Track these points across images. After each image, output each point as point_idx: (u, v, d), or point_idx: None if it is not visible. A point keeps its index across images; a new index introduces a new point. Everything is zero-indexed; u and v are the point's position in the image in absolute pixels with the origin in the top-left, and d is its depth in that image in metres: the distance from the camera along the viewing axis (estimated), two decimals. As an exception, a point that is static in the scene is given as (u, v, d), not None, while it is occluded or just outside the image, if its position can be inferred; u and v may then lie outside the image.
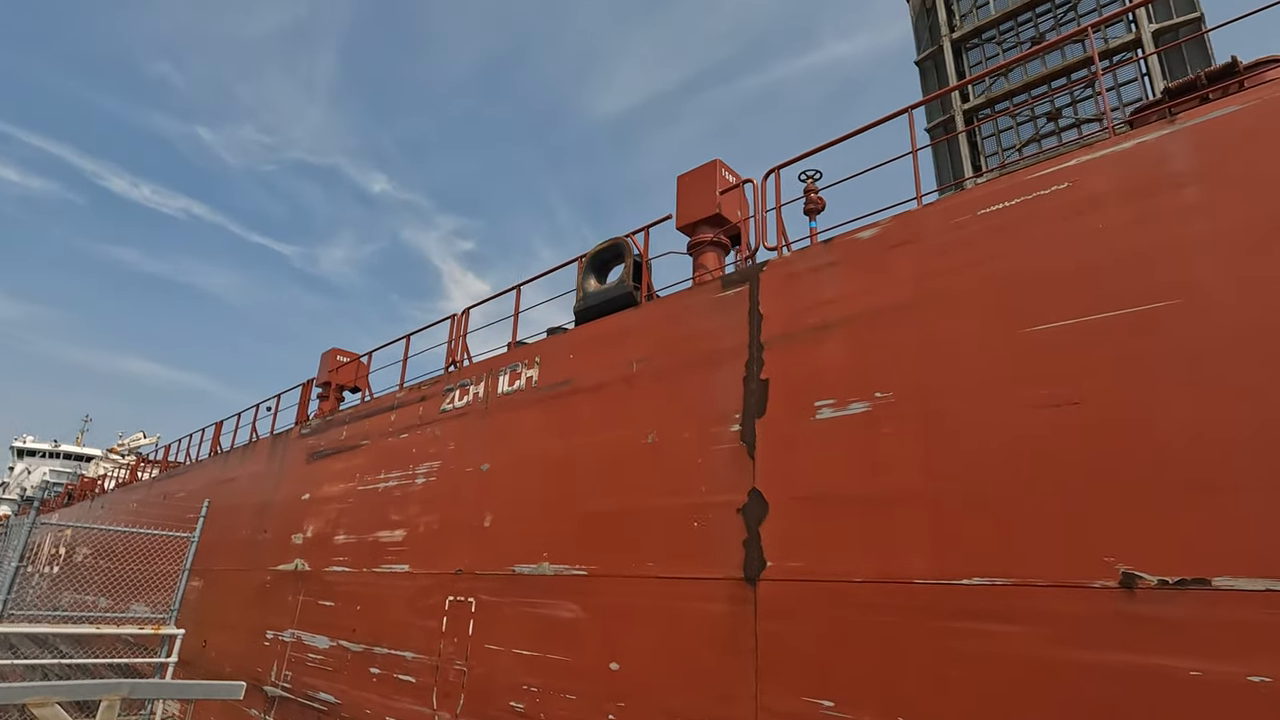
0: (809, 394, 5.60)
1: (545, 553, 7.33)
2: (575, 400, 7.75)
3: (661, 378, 6.89)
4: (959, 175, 11.01)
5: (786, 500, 5.47)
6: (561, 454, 7.64)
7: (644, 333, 7.26)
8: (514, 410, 8.59)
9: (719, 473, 6.03)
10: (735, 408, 6.09)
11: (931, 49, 11.96)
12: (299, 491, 12.65)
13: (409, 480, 9.86)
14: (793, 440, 5.59)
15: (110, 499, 26.39)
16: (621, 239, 8.06)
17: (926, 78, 12.14)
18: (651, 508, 6.48)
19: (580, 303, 8.29)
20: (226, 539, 14.85)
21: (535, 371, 8.46)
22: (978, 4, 11.73)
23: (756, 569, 5.46)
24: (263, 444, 15.34)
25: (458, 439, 9.32)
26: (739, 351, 6.25)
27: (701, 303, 6.80)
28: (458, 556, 8.42)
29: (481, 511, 8.36)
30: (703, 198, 7.44)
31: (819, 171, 6.53)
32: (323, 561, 11.06)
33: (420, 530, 9.26)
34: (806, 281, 5.96)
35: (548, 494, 7.61)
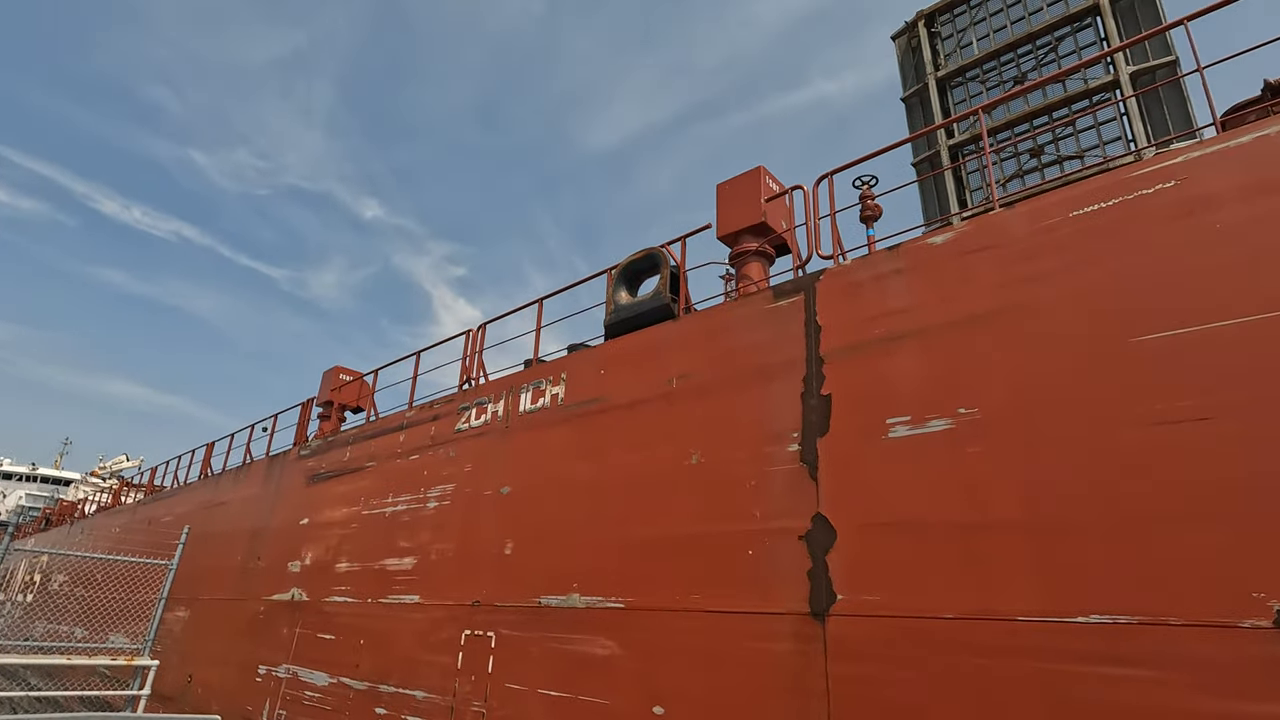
0: (879, 411, 5.16)
1: (575, 583, 6.78)
2: (607, 419, 7.26)
3: (706, 394, 6.43)
4: (945, 209, 11.03)
5: (857, 527, 4.99)
6: (592, 476, 7.13)
7: (685, 347, 6.82)
8: (538, 429, 8.08)
9: (776, 496, 5.55)
10: (793, 426, 5.63)
11: (917, 86, 12.35)
12: (297, 516, 11.99)
13: (420, 504, 9.28)
14: (862, 461, 5.13)
15: (91, 524, 25.39)
16: (657, 249, 7.67)
17: (912, 114, 12.50)
18: (697, 534, 5.98)
19: (611, 316, 7.85)
20: (216, 566, 14.10)
21: (561, 388, 7.98)
22: (961, 44, 12.14)
23: (825, 603, 4.95)
24: (257, 466, 14.67)
25: (474, 460, 8.78)
26: (795, 365, 5.82)
27: (750, 314, 6.38)
28: (475, 586, 7.83)
29: (502, 538, 7.80)
30: (746, 206, 7.07)
31: (874, 177, 6.18)
32: (322, 591, 10.39)
33: (432, 558, 8.67)
34: (871, 290, 5.56)
35: (577, 519, 7.08)
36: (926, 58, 12.26)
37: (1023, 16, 11.44)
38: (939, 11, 12.48)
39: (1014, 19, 11.55)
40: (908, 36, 12.88)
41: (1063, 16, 10.82)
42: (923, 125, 11.93)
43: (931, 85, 12.00)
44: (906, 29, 12.88)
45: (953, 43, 12.29)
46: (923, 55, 12.35)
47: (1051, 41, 11.04)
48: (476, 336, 10.15)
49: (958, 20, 12.30)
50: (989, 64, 11.70)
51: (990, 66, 11.70)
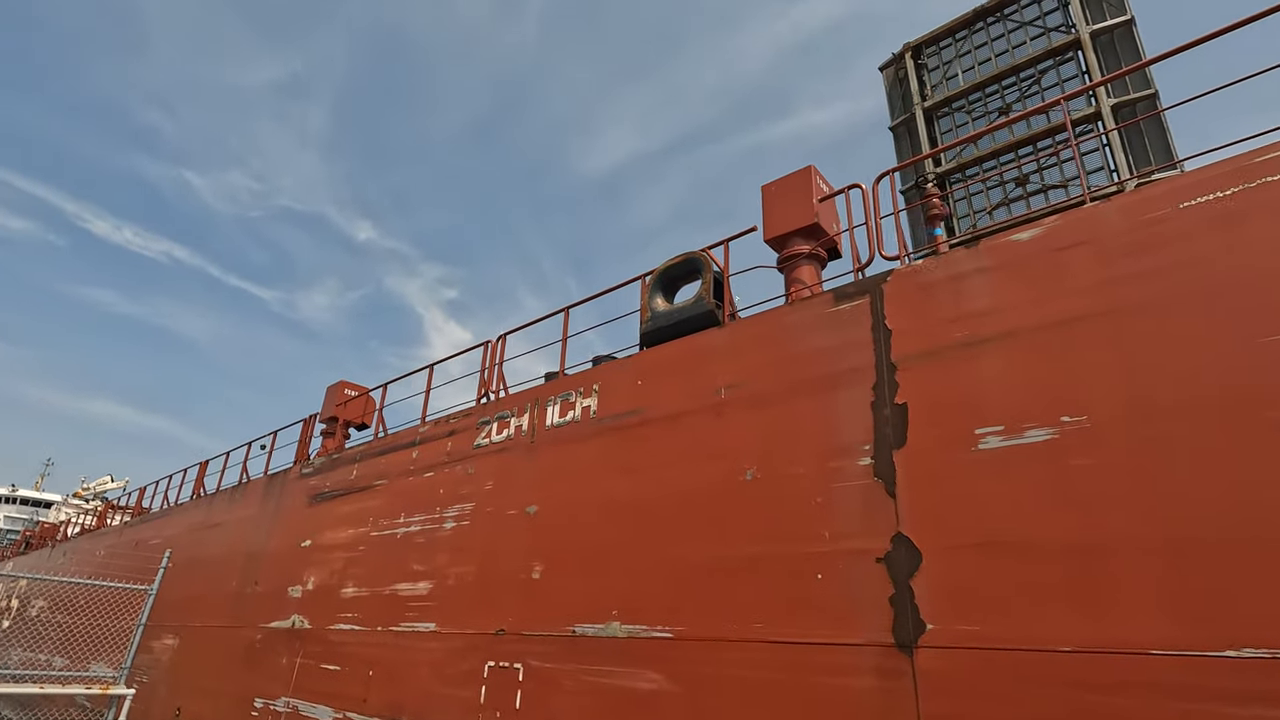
0: (965, 420, 4.73)
1: (614, 610, 6.25)
2: (647, 432, 6.80)
3: (759, 405, 5.98)
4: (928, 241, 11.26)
5: (946, 548, 4.52)
6: (631, 494, 6.64)
7: (734, 355, 6.39)
8: (567, 444, 7.60)
9: (846, 515, 5.08)
10: (863, 438, 5.19)
11: (904, 116, 12.65)
12: (298, 538, 11.37)
13: (435, 524, 8.73)
14: (947, 475, 4.69)
15: (74, 546, 24.45)
16: (697, 254, 7.27)
17: (900, 142, 12.80)
18: (755, 556, 5.49)
19: (648, 324, 7.42)
20: (209, 591, 13.39)
21: (594, 400, 7.51)
22: (947, 76, 12.46)
23: (912, 633, 4.47)
24: (255, 485, 14.03)
25: (496, 477, 8.26)
26: (862, 373, 5.39)
27: (807, 319, 5.96)
28: (499, 613, 7.28)
29: (529, 560, 7.27)
30: (797, 207, 6.70)
31: (939, 175, 5.81)
32: (326, 618, 9.76)
33: (450, 583, 8.10)
34: (947, 291, 5.16)
35: (615, 540, 6.57)
36: (914, 88, 12.62)
37: (1006, 50, 11.89)
38: (925, 44, 12.91)
39: (998, 52, 12.02)
40: (895, 68, 13.30)
41: (1045, 50, 11.22)
42: (910, 152, 12.31)
43: (919, 115, 12.33)
44: (894, 60, 13.29)
45: (939, 74, 12.68)
46: (910, 86, 12.73)
47: (1035, 74, 11.46)
48: (496, 348, 9.69)
49: (944, 53, 12.74)
50: (975, 95, 12.08)
51: (976, 98, 12.08)
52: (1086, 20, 10.86)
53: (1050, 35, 11.32)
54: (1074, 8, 10.98)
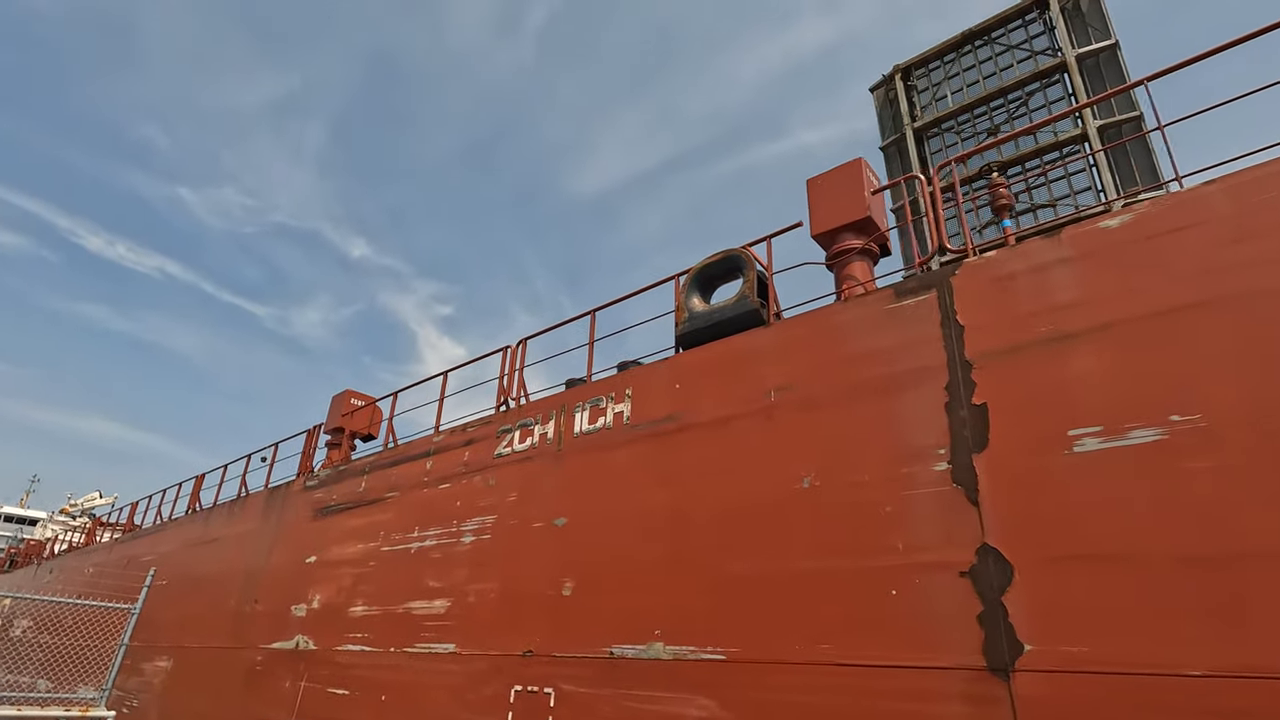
0: (1056, 421, 4.35)
1: (657, 629, 5.80)
2: (687, 439, 6.39)
3: (814, 408, 5.59)
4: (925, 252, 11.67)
5: (1042, 560, 4.12)
6: (672, 504, 6.21)
7: (784, 356, 6.00)
8: (598, 452, 7.17)
9: (923, 525, 4.68)
10: (937, 441, 4.80)
11: (895, 136, 12.87)
12: (302, 553, 10.84)
13: (453, 539, 8.25)
14: (1039, 481, 4.30)
15: (61, 564, 23.67)
16: (738, 251, 6.90)
17: (890, 162, 13.01)
18: (817, 571, 5.07)
19: (685, 325, 7.03)
20: (205, 610, 12.80)
21: (627, 406, 7.10)
22: (937, 97, 12.74)
23: (1007, 655, 4.05)
24: (255, 499, 13.49)
25: (520, 488, 7.82)
26: (932, 372, 5.02)
27: (866, 317, 5.59)
28: (526, 634, 6.80)
29: (558, 576, 6.81)
30: (847, 201, 6.36)
31: (1004, 165, 5.48)
32: (333, 638, 9.22)
33: (470, 600, 7.62)
34: (1027, 284, 4.81)
35: (655, 554, 6.13)
36: (904, 109, 12.89)
37: (994, 73, 12.14)
38: (915, 66, 13.17)
39: (986, 75, 12.26)
40: (885, 89, 13.58)
41: (1032, 73, 11.49)
42: (900, 171, 12.48)
43: (909, 135, 12.56)
44: (884, 82, 13.55)
45: (928, 95, 12.91)
46: (900, 107, 12.98)
47: (1022, 96, 11.68)
48: (515, 353, 9.28)
49: (932, 75, 12.98)
50: (963, 116, 12.30)
51: (965, 119, 12.29)
52: (1072, 44, 11.14)
53: (1037, 58, 11.64)
54: (1060, 32, 11.27)
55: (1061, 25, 11.25)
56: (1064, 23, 11.28)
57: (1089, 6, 11.24)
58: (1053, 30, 11.45)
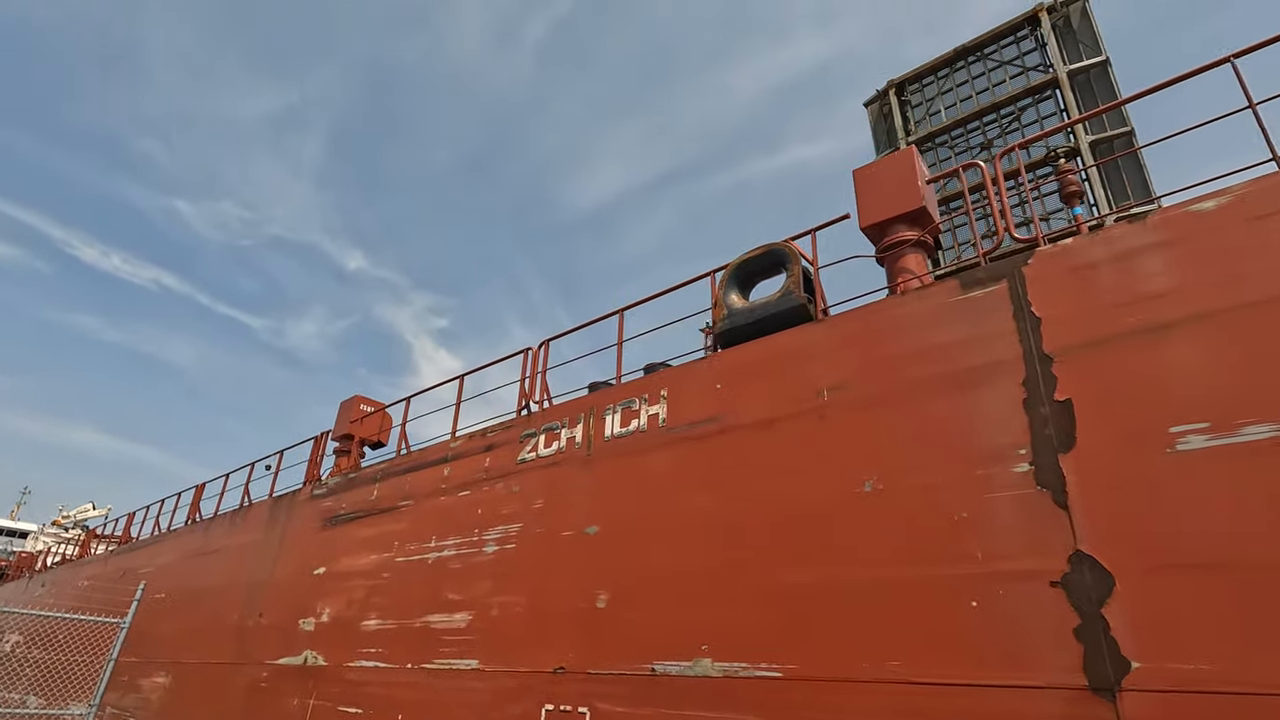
0: (1154, 418, 4.02)
1: (704, 644, 5.42)
2: (731, 441, 6.04)
3: (873, 407, 5.26)
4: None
5: (1146, 569, 3.78)
6: (716, 511, 5.86)
7: (836, 353, 5.68)
8: (631, 457, 6.82)
9: (1003, 530, 4.33)
10: (1016, 441, 4.47)
11: (890, 150, 12.89)
12: (310, 564, 10.42)
13: (474, 549, 7.86)
14: (1137, 481, 3.96)
15: (54, 577, 23.09)
16: (780, 245, 6.60)
17: None
18: (883, 581, 4.71)
19: (724, 322, 6.71)
20: (205, 624, 12.33)
21: (662, 408, 6.76)
22: (930, 112, 12.83)
23: (1112, 673, 3.69)
24: (258, 508, 13.06)
25: (546, 495, 7.45)
26: (1007, 367, 4.69)
27: (926, 310, 5.28)
28: (557, 649, 6.41)
29: (591, 588, 6.43)
30: (900, 191, 6.06)
31: (1075, 149, 5.20)
32: (344, 654, 8.80)
33: (494, 614, 7.22)
34: (1111, 272, 4.50)
35: (699, 564, 5.77)
36: (898, 123, 12.95)
37: (987, 88, 12.30)
38: (909, 81, 13.29)
39: (979, 90, 12.40)
40: (880, 104, 13.67)
41: (1024, 89, 11.62)
42: None
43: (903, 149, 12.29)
44: (878, 97, 13.64)
45: (922, 110, 13.01)
46: (894, 121, 13.06)
47: (1015, 111, 11.79)
48: (537, 355, 8.93)
49: (926, 90, 13.08)
50: (957, 131, 12.37)
51: (958, 133, 12.36)
52: (1064, 60, 11.27)
53: (1029, 74, 11.82)
54: (1051, 49, 11.41)
55: (1053, 42, 11.40)
56: (1055, 40, 11.46)
57: (1080, 24, 11.45)
58: (1044, 47, 11.63)
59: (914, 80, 13.20)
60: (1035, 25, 11.87)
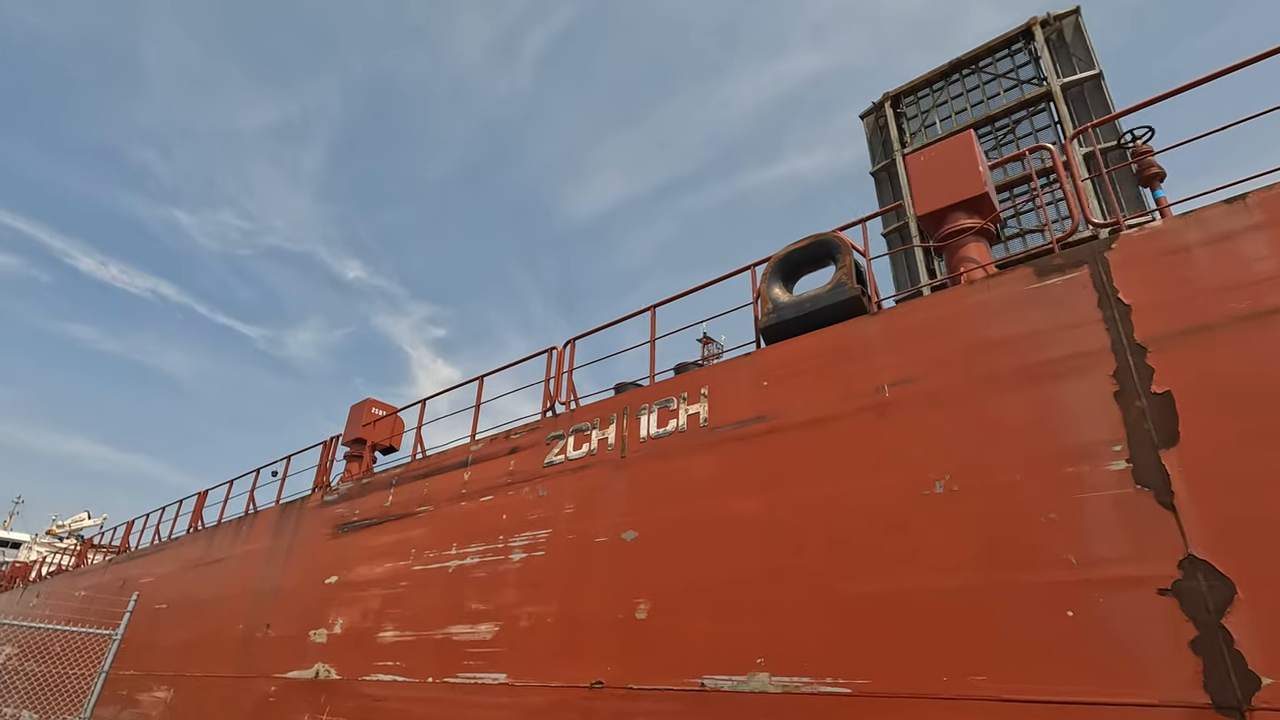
0: (1270, 409, 3.70)
1: (759, 657, 5.06)
2: (781, 441, 5.70)
3: (941, 403, 4.93)
4: (915, 279, 11.42)
5: (1274, 575, 3.44)
6: (767, 514, 5.51)
7: (896, 346, 5.36)
8: (670, 459, 6.47)
9: (1099, 533, 4.00)
10: (1110, 436, 4.14)
11: (885, 161, 12.99)
12: (321, 573, 10.02)
13: (499, 556, 7.50)
14: (1256, 480, 3.63)
15: (49, 587, 22.57)
16: (829, 235, 6.29)
17: (881, 187, 13.15)
18: (962, 588, 4.37)
19: (770, 316, 6.39)
20: (209, 636, 11.90)
21: (703, 407, 6.42)
22: (926, 124, 12.88)
23: (1238, 690, 3.35)
24: (265, 515, 12.66)
25: (577, 499, 7.09)
26: (1094, 358, 4.37)
27: (998, 300, 4.96)
28: (594, 662, 6.04)
29: (630, 597, 6.07)
30: (960, 177, 5.76)
31: (1150, 128, 4.92)
32: (359, 667, 8.39)
33: (523, 624, 6.85)
34: (1209, 256, 4.19)
35: (750, 571, 5.42)
36: (893, 135, 12.99)
37: (982, 101, 12.35)
38: (904, 94, 13.36)
39: (974, 103, 12.44)
40: (875, 116, 13.73)
41: (1018, 101, 11.65)
42: (891, 198, 12.66)
43: (899, 161, 12.60)
44: (874, 109, 13.71)
45: (917, 122, 13.06)
46: (890, 133, 13.09)
47: (1009, 124, 11.87)
48: (563, 355, 8.60)
49: (921, 102, 13.14)
50: None
51: None
52: (1057, 73, 11.37)
53: (1023, 87, 11.89)
54: (1045, 62, 11.51)
55: (1046, 56, 11.54)
56: (1049, 53, 11.59)
57: (1073, 38, 11.57)
58: (1038, 60, 11.76)
59: (909, 93, 13.35)
60: (1029, 39, 12.02)
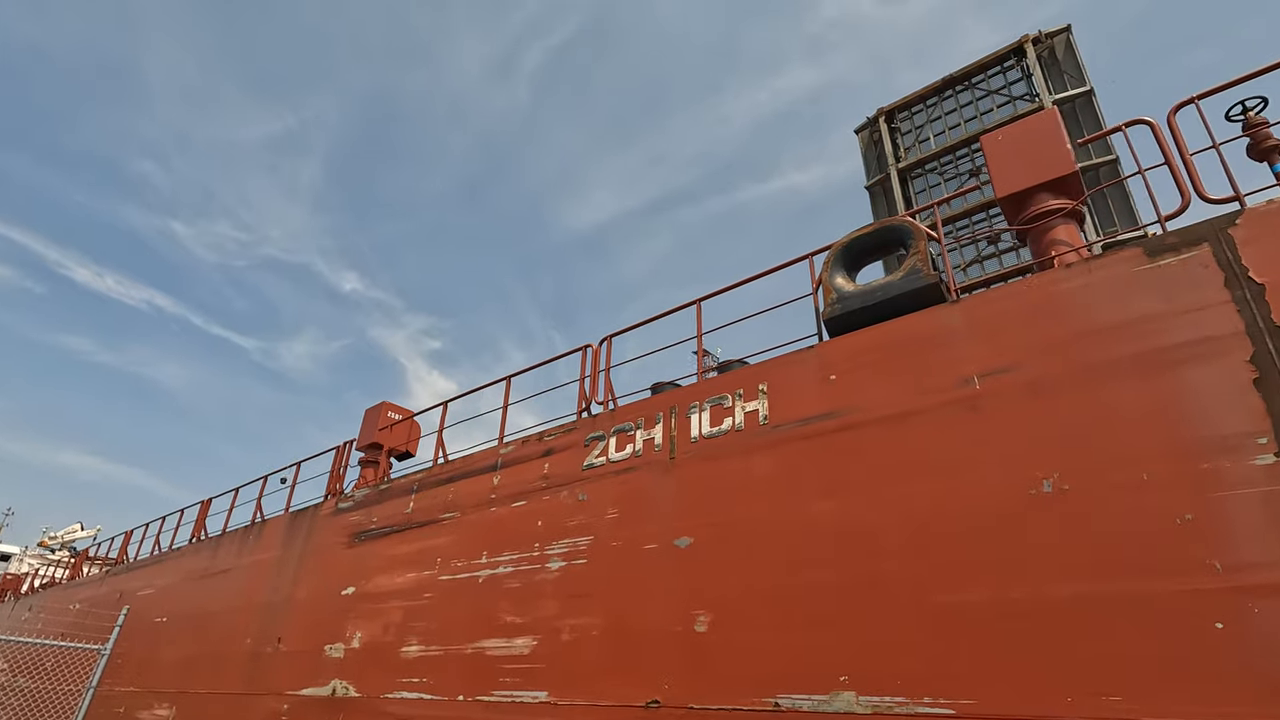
0: None
1: (842, 675, 4.61)
2: (856, 439, 5.28)
3: (1045, 395, 4.52)
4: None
5: None
6: (843, 518, 5.08)
7: (985, 335, 4.96)
8: (726, 459, 6.04)
9: (1247, 535, 3.58)
10: (1251, 427, 3.74)
11: (880, 176, 13.09)
12: (337, 584, 9.52)
13: (535, 565, 7.03)
14: None
15: (42, 600, 21.88)
16: (900, 221, 5.90)
17: (875, 201, 13.21)
18: (1083, 597, 3.94)
19: (835, 306, 5.98)
20: (215, 650, 11.34)
21: (762, 404, 6.00)
22: (920, 139, 12.96)
23: None
24: (274, 524, 12.14)
25: (621, 503, 6.65)
26: (1225, 343, 3.98)
27: (1106, 282, 4.57)
28: (648, 679, 5.57)
29: (687, 608, 5.62)
30: (1046, 156, 5.39)
31: (1264, 99, 4.57)
32: (381, 683, 7.89)
33: (565, 638, 6.38)
34: (1356, 228, 3.81)
35: (825, 580, 4.97)
36: (888, 150, 13.05)
37: (975, 116, 12.45)
38: (898, 109, 13.46)
39: (967, 118, 12.55)
40: (870, 131, 13.84)
41: (1011, 117, 11.67)
42: (885, 211, 12.66)
43: (893, 175, 12.71)
44: (868, 124, 13.84)
45: (911, 137, 13.12)
46: (884, 148, 13.15)
47: None
48: (598, 353, 8.18)
49: (915, 117, 13.22)
50: (946, 157, 12.43)
51: (947, 160, 12.42)
52: (1049, 90, 11.45)
53: (1015, 103, 11.99)
54: (1037, 78, 11.58)
55: (1038, 72, 11.66)
56: (1040, 70, 11.72)
57: (1064, 55, 11.70)
58: (1030, 77, 11.86)
59: (904, 108, 13.43)
60: (1021, 56, 12.15)
